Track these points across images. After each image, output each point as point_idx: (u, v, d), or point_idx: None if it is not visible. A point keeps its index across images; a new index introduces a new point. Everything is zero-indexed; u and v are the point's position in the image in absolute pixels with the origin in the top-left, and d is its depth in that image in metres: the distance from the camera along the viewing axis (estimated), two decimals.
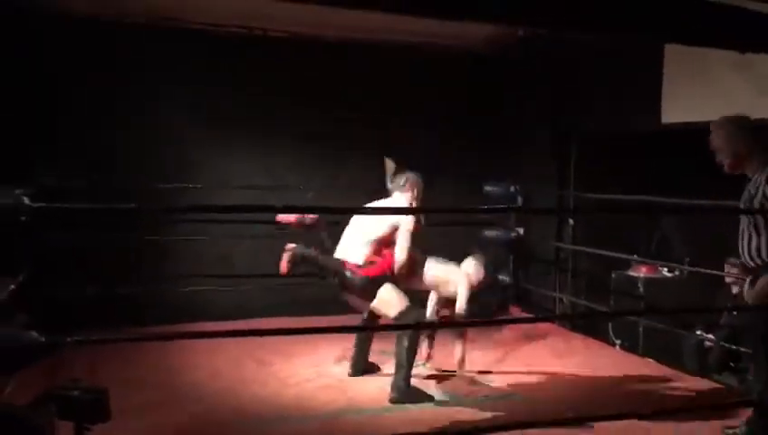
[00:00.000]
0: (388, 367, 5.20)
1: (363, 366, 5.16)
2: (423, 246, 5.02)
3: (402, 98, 6.97)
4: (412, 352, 4.62)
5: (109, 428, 2.82)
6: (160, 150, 6.39)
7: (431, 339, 5.33)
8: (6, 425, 2.21)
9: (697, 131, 5.52)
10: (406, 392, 4.57)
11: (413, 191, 4.93)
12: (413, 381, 4.67)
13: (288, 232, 5.14)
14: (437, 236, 6.88)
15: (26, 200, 1.87)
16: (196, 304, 6.34)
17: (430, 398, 4.63)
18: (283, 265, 4.74)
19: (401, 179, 4.96)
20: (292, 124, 6.75)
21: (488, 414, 4.37)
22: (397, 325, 4.77)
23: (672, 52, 5.51)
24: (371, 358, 5.28)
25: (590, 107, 6.50)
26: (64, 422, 2.41)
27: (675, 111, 5.53)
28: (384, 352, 5.59)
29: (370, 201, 4.96)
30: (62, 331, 2.09)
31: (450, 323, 5.57)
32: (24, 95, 5.80)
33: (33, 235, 4.37)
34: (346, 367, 5.22)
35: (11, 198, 1.84)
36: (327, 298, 6.62)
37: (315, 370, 5.21)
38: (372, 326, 5.28)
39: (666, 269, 6.42)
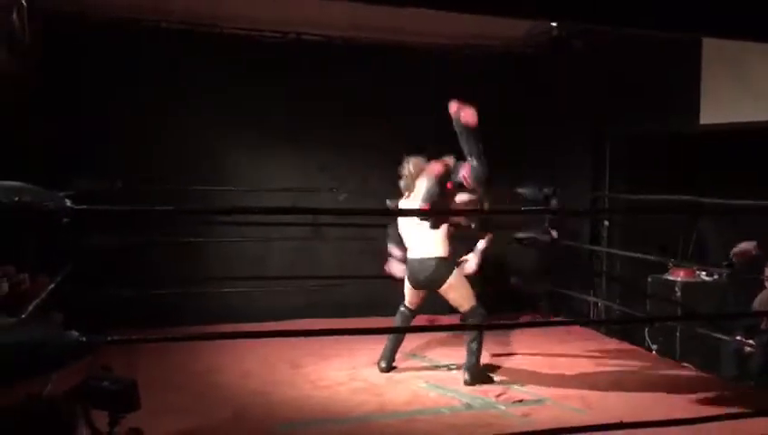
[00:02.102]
0: (416, 370, 5.22)
1: (393, 361, 5.27)
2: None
3: (435, 100, 6.94)
4: (479, 339, 5.01)
5: (142, 427, 2.87)
6: (194, 154, 6.48)
7: None
8: (39, 418, 2.26)
9: (737, 132, 5.47)
10: (478, 374, 5.00)
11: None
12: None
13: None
14: (470, 238, 6.90)
15: (68, 203, 1.90)
16: (229, 305, 6.40)
17: (492, 380, 5.05)
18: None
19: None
20: (326, 127, 6.79)
21: (521, 419, 4.33)
22: (432, 327, 4.87)
23: (710, 51, 5.41)
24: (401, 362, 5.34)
25: (627, 108, 6.41)
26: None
27: (714, 111, 5.43)
28: (415, 356, 5.61)
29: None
30: (99, 331, 2.12)
31: (487, 326, 5.61)
32: (63, 100, 5.92)
33: (72, 236, 4.45)
34: (379, 370, 5.24)
35: (54, 201, 1.88)
36: (359, 300, 6.67)
37: (347, 372, 5.22)
38: (408, 327, 5.37)
39: (704, 273, 6.30)
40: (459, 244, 5.26)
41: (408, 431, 4.07)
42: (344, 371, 5.26)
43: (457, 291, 5.03)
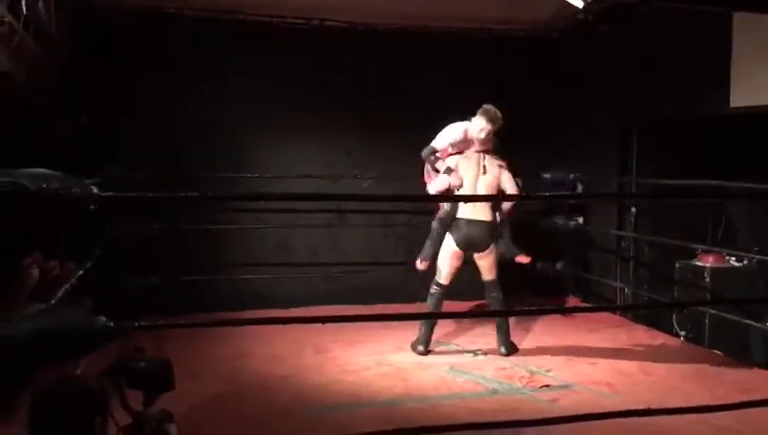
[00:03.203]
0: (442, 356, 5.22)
1: (430, 344, 5.45)
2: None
3: (459, 84, 6.90)
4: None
5: (172, 412, 2.89)
6: (219, 142, 6.51)
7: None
8: (73, 398, 2.30)
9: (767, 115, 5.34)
10: (511, 345, 5.42)
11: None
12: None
13: None
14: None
15: (95, 189, 1.91)
16: (254, 292, 6.45)
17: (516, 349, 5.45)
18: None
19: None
20: (348, 113, 6.78)
21: (548, 404, 4.32)
22: (453, 313, 5.03)
23: (741, 30, 5.28)
24: None
25: (654, 91, 6.29)
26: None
27: (744, 93, 5.30)
28: (440, 343, 5.62)
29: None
30: (127, 317, 2.14)
31: (514, 312, 5.69)
32: (89, 89, 5.97)
33: (100, 223, 4.50)
34: (405, 355, 5.27)
35: (81, 188, 1.89)
36: (383, 287, 6.67)
37: (374, 358, 5.24)
38: (432, 313, 5.45)
39: (733, 258, 6.19)
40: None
41: (435, 416, 4.07)
42: (371, 356, 5.28)
43: (492, 259, 5.34)
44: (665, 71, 6.14)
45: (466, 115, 5.49)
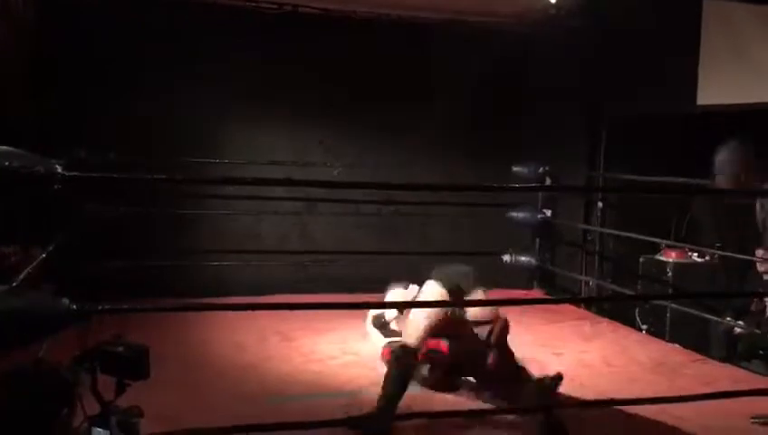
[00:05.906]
0: None
1: None
2: None
3: (430, 76, 6.92)
4: None
5: (134, 400, 2.86)
6: (188, 126, 6.42)
7: None
8: (46, 383, 2.26)
9: (734, 113, 5.44)
10: None
11: None
12: None
13: None
14: (463, 216, 6.93)
15: (59, 169, 1.87)
16: (221, 278, 6.40)
17: None
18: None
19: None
20: (320, 101, 6.74)
21: None
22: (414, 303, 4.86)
23: (709, 29, 5.37)
24: None
25: (623, 87, 6.37)
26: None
27: (711, 92, 5.40)
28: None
29: None
30: (91, 300, 2.10)
31: (480, 302, 5.63)
32: (57, 71, 5.84)
33: (64, 205, 4.41)
34: (369, 344, 5.25)
35: (44, 167, 1.84)
36: (351, 275, 6.67)
37: (339, 347, 5.23)
38: (398, 302, 5.38)
39: (696, 254, 6.31)
40: None
41: (403, 405, 4.07)
42: (335, 345, 5.27)
43: None
44: (634, 67, 6.21)
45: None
